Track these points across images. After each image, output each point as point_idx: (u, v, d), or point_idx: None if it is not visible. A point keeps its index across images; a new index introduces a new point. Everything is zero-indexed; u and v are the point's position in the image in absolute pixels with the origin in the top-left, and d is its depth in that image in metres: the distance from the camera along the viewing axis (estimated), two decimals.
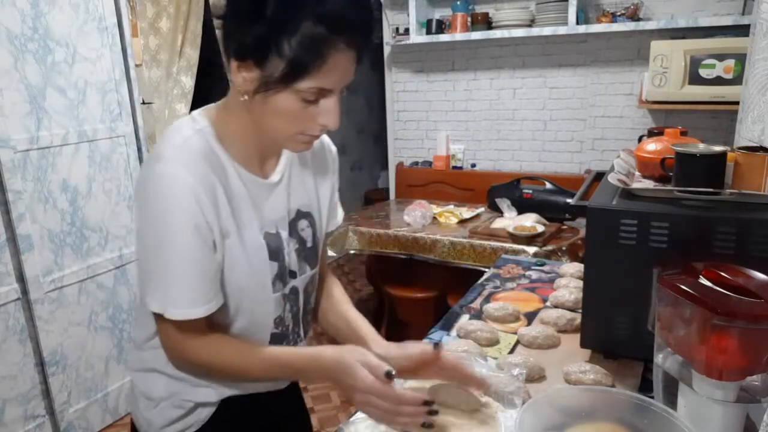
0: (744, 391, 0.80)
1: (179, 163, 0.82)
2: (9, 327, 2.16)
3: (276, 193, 0.95)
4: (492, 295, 1.52)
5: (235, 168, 0.89)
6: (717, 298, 0.77)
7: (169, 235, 0.82)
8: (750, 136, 1.57)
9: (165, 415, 0.97)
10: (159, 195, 0.81)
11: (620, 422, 0.81)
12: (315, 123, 0.84)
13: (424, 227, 2.86)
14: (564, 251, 2.46)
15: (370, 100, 5.31)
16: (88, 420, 2.50)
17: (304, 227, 1.00)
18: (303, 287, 1.02)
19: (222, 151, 0.88)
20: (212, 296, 0.86)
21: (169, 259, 0.83)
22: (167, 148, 0.84)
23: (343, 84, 0.82)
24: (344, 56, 0.79)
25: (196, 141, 0.85)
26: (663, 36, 2.84)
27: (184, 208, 0.81)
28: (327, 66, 0.77)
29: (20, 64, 2.11)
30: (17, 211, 2.12)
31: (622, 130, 3.16)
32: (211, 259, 0.85)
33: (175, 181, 0.81)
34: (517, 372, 1.05)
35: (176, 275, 0.83)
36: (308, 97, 0.80)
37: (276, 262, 0.94)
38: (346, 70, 0.81)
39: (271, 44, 0.76)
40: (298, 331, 1.04)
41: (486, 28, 3.25)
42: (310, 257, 1.02)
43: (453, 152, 3.65)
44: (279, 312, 0.98)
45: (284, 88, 0.78)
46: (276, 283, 0.95)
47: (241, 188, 0.89)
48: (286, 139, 0.87)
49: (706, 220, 0.96)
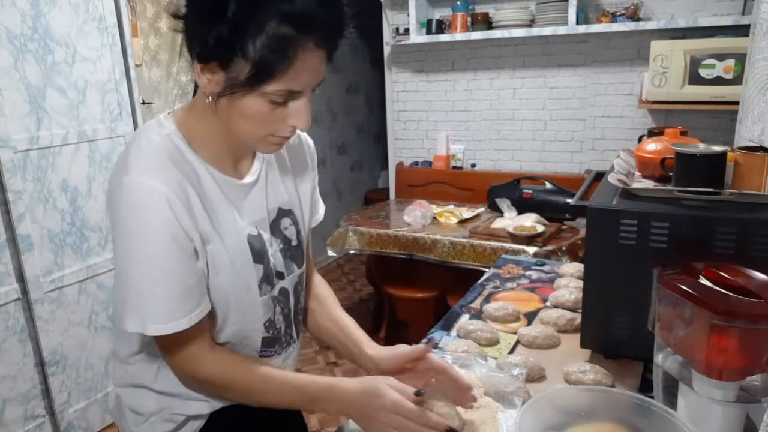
0: (744, 391, 0.80)
1: (148, 173, 0.78)
2: (9, 327, 2.16)
3: (253, 193, 0.91)
4: (492, 295, 1.52)
5: (208, 170, 0.85)
6: (717, 298, 0.77)
7: (145, 249, 0.78)
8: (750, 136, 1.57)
9: (155, 430, 0.95)
10: (131, 208, 0.77)
11: (620, 422, 0.81)
12: (285, 124, 0.80)
13: (424, 227, 2.86)
14: (564, 251, 2.46)
15: (370, 100, 5.31)
16: (88, 420, 2.50)
17: (287, 225, 0.97)
18: (293, 288, 0.99)
19: (192, 153, 0.84)
20: (194, 306, 0.82)
21: (147, 274, 0.79)
22: (134, 158, 0.80)
23: (312, 84, 0.78)
24: (313, 56, 0.74)
25: (163, 146, 0.81)
26: (663, 36, 2.84)
27: (159, 219, 0.77)
28: (295, 68, 0.73)
29: (20, 64, 2.11)
30: (17, 211, 2.12)
31: (622, 130, 3.16)
32: (192, 268, 0.81)
33: (146, 192, 0.77)
34: (517, 372, 1.05)
35: (155, 289, 0.79)
36: (276, 99, 0.76)
37: (261, 265, 0.91)
38: (316, 71, 0.76)
39: (235, 45, 0.72)
40: (290, 333, 1.02)
41: (486, 28, 3.25)
42: (296, 256, 0.99)
43: (453, 152, 3.65)
44: (269, 315, 0.95)
45: (250, 90, 0.75)
46: (263, 286, 0.92)
47: (215, 191, 0.85)
48: (255, 141, 0.83)
49: (706, 220, 0.96)
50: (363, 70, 5.16)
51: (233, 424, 0.98)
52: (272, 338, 0.97)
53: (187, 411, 0.94)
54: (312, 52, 0.73)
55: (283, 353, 1.01)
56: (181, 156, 0.83)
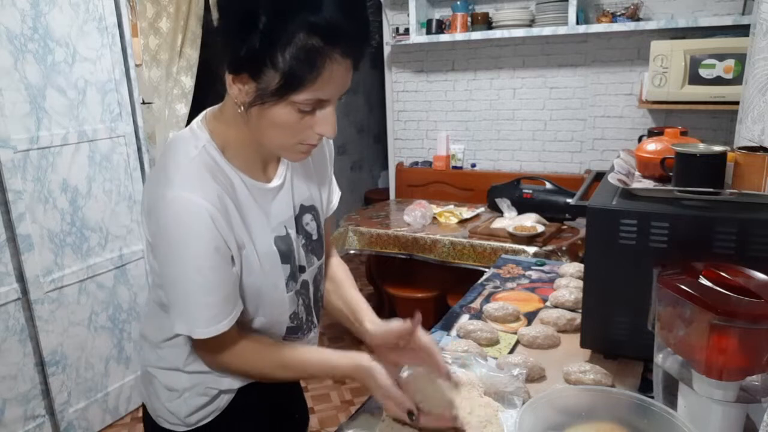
0: (744, 391, 0.80)
1: (190, 188, 0.82)
2: (9, 327, 2.16)
3: (281, 195, 0.96)
4: (492, 295, 1.52)
5: (241, 178, 0.89)
6: (717, 298, 0.77)
7: (191, 261, 0.83)
8: (750, 136, 1.57)
9: (189, 404, 1.00)
10: (176, 223, 0.82)
11: (620, 422, 0.81)
12: (312, 132, 0.83)
13: (424, 227, 2.86)
14: (564, 251, 2.46)
15: (370, 100, 5.31)
16: (88, 420, 2.50)
17: (309, 221, 1.03)
18: (312, 279, 1.05)
19: (225, 163, 0.88)
20: (232, 308, 0.89)
21: (193, 284, 0.84)
22: (175, 172, 0.84)
23: (339, 93, 0.82)
24: (340, 66, 0.77)
25: (201, 160, 0.85)
26: (663, 36, 2.84)
27: (203, 234, 0.82)
28: (323, 78, 0.76)
29: (20, 64, 2.11)
30: (17, 211, 2.12)
31: (622, 130, 3.16)
32: (231, 276, 0.87)
33: (190, 208, 0.81)
34: (517, 372, 1.05)
35: (199, 298, 0.85)
36: (305, 108, 0.79)
37: (288, 265, 0.96)
38: (342, 80, 0.80)
39: (265, 57, 0.75)
40: (311, 320, 1.07)
41: (486, 28, 3.25)
42: (316, 249, 1.05)
43: (453, 152, 3.65)
44: (293, 308, 1.01)
45: (280, 100, 0.78)
46: (289, 283, 0.97)
47: (248, 197, 0.90)
48: (284, 150, 0.87)
49: (706, 220, 0.96)
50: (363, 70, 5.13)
51: (255, 399, 1.05)
52: (296, 327, 1.03)
53: (219, 386, 1.00)
54: (339, 62, 0.76)
55: (304, 338, 1.07)
56: (217, 167, 0.87)
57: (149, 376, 1.04)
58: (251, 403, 1.05)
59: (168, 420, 1.02)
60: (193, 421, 1.01)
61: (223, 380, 1.00)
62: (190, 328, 0.87)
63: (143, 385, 1.07)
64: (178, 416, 1.01)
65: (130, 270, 2.62)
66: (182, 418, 1.01)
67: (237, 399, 1.03)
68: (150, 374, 1.03)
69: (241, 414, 1.04)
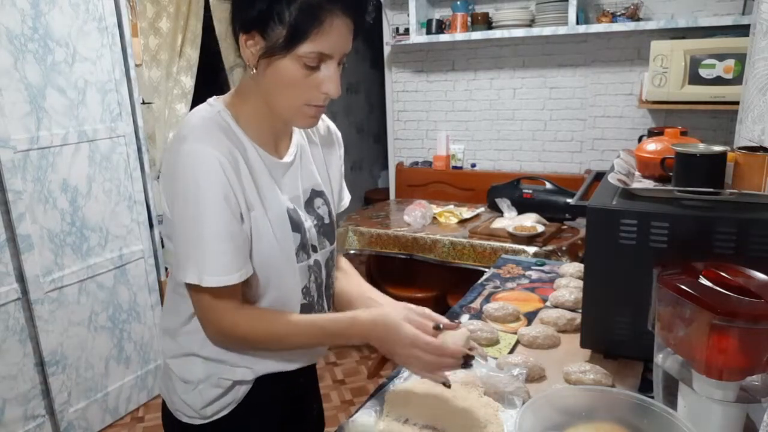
0: (744, 391, 0.80)
1: (203, 140, 0.87)
2: (9, 327, 2.16)
3: (290, 172, 1.00)
4: (492, 295, 1.52)
5: (254, 146, 0.94)
6: (717, 298, 0.77)
7: (201, 206, 0.86)
8: (750, 136, 1.57)
9: (204, 396, 1.01)
10: (188, 171, 0.86)
11: (620, 422, 0.81)
12: (318, 91, 0.89)
13: (424, 227, 2.86)
14: (564, 251, 2.46)
15: (370, 100, 5.31)
16: (88, 420, 2.50)
17: (320, 205, 1.06)
18: (324, 261, 1.07)
19: (240, 130, 0.93)
20: (242, 264, 0.91)
21: (203, 229, 0.87)
22: (189, 129, 0.89)
23: (341, 51, 0.88)
24: (341, 21, 0.85)
25: (215, 120, 0.91)
26: (663, 36, 2.84)
27: (213, 180, 0.86)
28: (324, 30, 0.83)
29: (20, 64, 2.11)
30: (17, 211, 2.12)
31: (622, 130, 3.16)
32: (239, 229, 0.90)
33: (202, 156, 0.86)
34: (517, 372, 1.05)
35: (209, 243, 0.87)
36: (309, 62, 0.86)
37: (298, 234, 0.99)
38: (343, 37, 0.87)
39: (273, 13, 0.83)
40: (322, 303, 1.08)
41: (486, 28, 3.25)
42: (328, 233, 1.08)
43: (453, 152, 3.65)
44: (305, 282, 1.02)
45: (286, 53, 0.85)
46: (299, 253, 0.99)
47: (261, 165, 0.94)
48: (293, 113, 0.92)
49: (706, 220, 0.96)
50: (363, 70, 5.16)
51: (273, 391, 1.05)
52: (308, 305, 1.04)
53: (233, 376, 1.00)
54: (340, 18, 0.84)
55: None
56: (231, 130, 0.92)
57: (168, 370, 1.05)
58: (269, 396, 1.05)
59: (185, 413, 1.03)
60: (209, 413, 1.01)
61: (236, 370, 1.00)
62: (199, 275, 0.88)
63: (163, 381, 1.08)
64: (194, 408, 1.02)
65: (130, 270, 2.62)
66: (198, 410, 1.01)
67: (254, 391, 1.03)
68: (168, 368, 1.05)
69: (258, 407, 1.04)
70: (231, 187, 0.88)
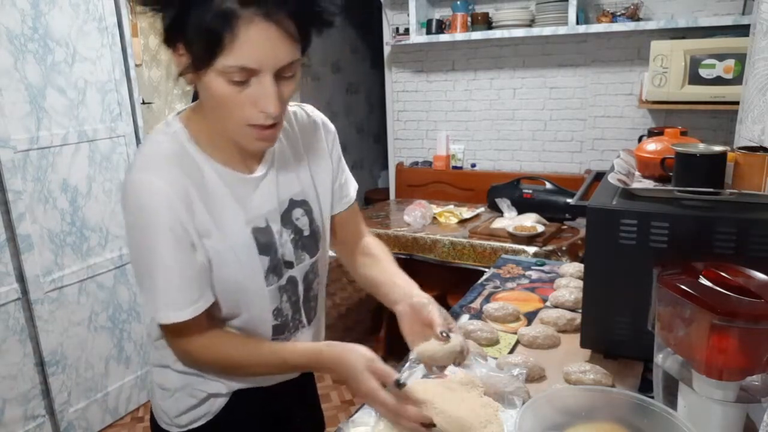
0: (744, 391, 0.80)
1: (148, 169, 0.84)
2: (9, 327, 2.16)
3: (263, 186, 0.93)
4: (492, 295, 1.52)
5: (214, 167, 0.88)
6: (717, 298, 0.77)
7: (147, 241, 0.84)
8: (750, 136, 1.57)
9: (179, 405, 1.00)
10: (134, 203, 0.83)
11: (620, 422, 0.81)
12: (255, 110, 0.80)
13: (424, 227, 2.86)
14: (564, 251, 2.45)
15: (370, 100, 5.31)
16: (88, 420, 2.50)
17: (299, 216, 0.99)
18: (302, 276, 1.02)
19: (197, 151, 0.87)
20: (197, 297, 0.87)
21: (150, 265, 0.85)
22: (138, 157, 0.87)
23: (271, 63, 0.77)
24: (262, 31, 0.74)
25: (166, 146, 0.86)
26: (663, 36, 2.84)
27: (158, 213, 0.82)
28: (241, 41, 0.73)
29: (20, 64, 2.11)
30: (17, 211, 2.12)
31: (622, 130, 3.16)
32: (191, 261, 0.85)
33: (146, 188, 0.82)
34: (517, 372, 1.05)
35: (157, 280, 0.85)
36: (235, 78, 0.76)
37: (267, 256, 0.94)
38: (268, 47, 0.75)
39: (186, 22, 0.74)
40: (298, 318, 1.04)
41: (486, 28, 3.25)
42: (308, 246, 1.01)
43: (453, 152, 3.65)
44: (276, 303, 0.98)
45: (208, 67, 0.76)
46: (269, 276, 0.95)
47: (219, 187, 0.88)
48: (237, 135, 0.84)
49: (706, 220, 0.96)
50: (363, 70, 5.16)
51: (255, 405, 1.03)
52: (281, 325, 1.01)
53: (207, 389, 0.99)
54: (259, 26, 0.74)
55: (291, 338, 1.04)
56: (185, 153, 0.87)
57: (150, 375, 1.06)
58: (245, 411, 1.02)
59: (163, 419, 1.03)
60: (183, 422, 1.01)
61: (210, 383, 0.99)
62: (154, 312, 0.87)
63: (149, 384, 1.08)
64: (168, 415, 1.01)
65: (130, 270, 2.61)
66: (172, 418, 1.01)
67: (231, 405, 1.01)
68: (151, 372, 1.05)
69: (235, 422, 1.02)
70: (178, 218, 0.83)
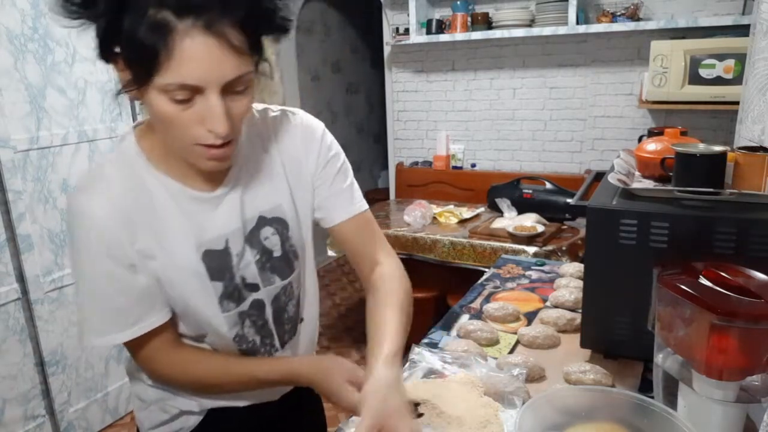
0: (744, 391, 0.80)
1: (87, 192, 0.80)
2: (9, 327, 2.16)
3: (225, 204, 0.86)
4: (492, 295, 1.52)
5: (167, 185, 0.82)
6: (717, 298, 0.77)
7: (78, 265, 0.81)
8: (750, 136, 1.57)
9: (153, 418, 0.98)
10: (72, 226, 0.81)
11: (620, 422, 0.81)
12: (203, 129, 0.72)
13: (424, 227, 2.86)
14: (564, 251, 2.45)
15: (370, 100, 5.31)
16: (88, 420, 2.50)
17: (269, 235, 0.91)
18: (271, 299, 0.94)
19: (150, 168, 0.82)
20: (133, 321, 0.83)
21: (85, 287, 0.82)
22: (81, 177, 0.84)
23: (213, 79, 0.68)
24: (200, 44, 0.65)
25: (113, 164, 0.82)
26: (663, 36, 2.84)
27: (89, 238, 0.79)
28: (178, 57, 0.65)
29: (20, 64, 2.11)
30: (17, 211, 2.12)
31: (622, 130, 3.16)
32: (129, 284, 0.81)
33: (80, 211, 0.79)
34: (517, 372, 1.05)
35: (88, 304, 0.82)
36: (177, 96, 0.69)
37: (220, 282, 0.87)
38: (210, 62, 0.67)
39: (119, 35, 0.66)
40: (270, 342, 0.97)
41: (486, 28, 3.25)
42: (279, 268, 0.93)
43: (453, 152, 3.65)
44: (236, 330, 0.91)
45: (146, 85, 0.68)
46: (224, 302, 0.88)
47: (169, 207, 0.82)
48: (186, 153, 0.77)
49: (706, 220, 0.96)
50: (363, 70, 5.16)
51: (229, 422, 0.99)
52: (248, 351, 0.95)
53: (179, 405, 0.97)
54: (197, 39, 0.65)
55: None
56: (132, 173, 0.81)
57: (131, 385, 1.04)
58: (225, 428, 0.98)
59: (140, 429, 1.02)
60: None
61: (181, 400, 0.96)
62: (80, 333, 0.84)
63: None
64: (143, 427, 1.00)
65: None
66: (146, 430, 0.99)
67: (205, 424, 0.97)
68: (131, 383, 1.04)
69: None
70: (114, 242, 0.79)
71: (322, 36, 4.49)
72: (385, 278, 0.96)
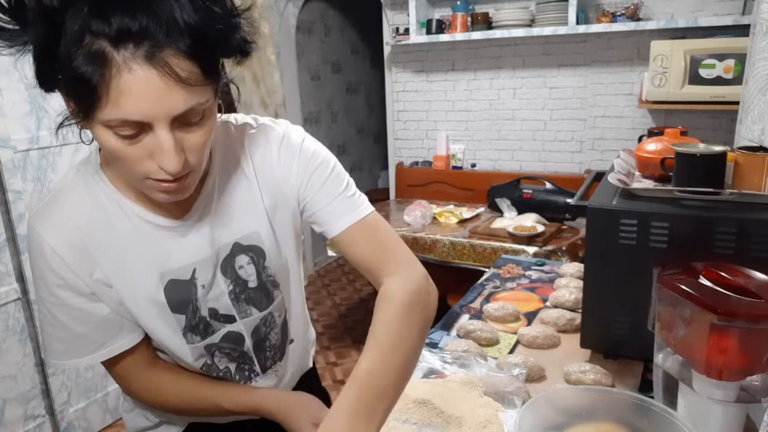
0: (744, 391, 0.80)
1: (42, 219, 0.76)
2: (9, 327, 2.16)
3: (193, 232, 0.80)
4: (492, 295, 1.52)
5: (131, 213, 0.78)
6: (717, 298, 0.77)
7: (40, 291, 0.79)
8: (750, 136, 1.57)
9: (136, 423, 0.98)
10: (30, 251, 0.78)
11: (620, 422, 0.81)
12: (153, 163, 0.66)
13: (424, 227, 2.86)
14: (564, 251, 2.46)
15: (370, 100, 5.31)
16: (88, 420, 2.50)
17: (244, 264, 0.85)
18: (250, 331, 0.90)
19: (113, 194, 0.77)
20: (98, 345, 0.81)
21: (45, 312, 0.80)
22: (41, 202, 0.78)
23: (159, 114, 0.61)
24: (140, 78, 0.58)
25: (68, 193, 0.77)
26: (663, 36, 2.84)
27: (44, 270, 0.77)
28: (116, 91, 0.58)
29: (20, 64, 2.10)
30: (17, 211, 2.12)
31: (622, 130, 3.16)
32: (90, 311, 0.79)
33: (37, 240, 0.76)
34: (517, 372, 1.05)
35: (51, 329, 0.80)
36: (121, 132, 0.62)
37: (183, 315, 0.83)
38: (153, 96, 0.60)
39: (54, 65, 0.61)
40: (249, 368, 0.93)
41: (486, 28, 3.25)
42: (255, 299, 0.88)
43: (453, 152, 3.65)
44: (204, 360, 0.88)
45: (89, 120, 0.63)
46: (188, 335, 0.84)
47: (132, 236, 0.78)
48: (140, 186, 0.71)
49: (706, 220, 0.96)
50: (363, 70, 5.16)
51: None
52: (222, 378, 0.92)
53: (159, 416, 0.97)
54: (137, 73, 0.58)
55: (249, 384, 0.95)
56: (92, 199, 0.77)
57: None
58: None
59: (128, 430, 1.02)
60: None
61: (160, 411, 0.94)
62: (47, 354, 0.82)
63: None
64: (128, 430, 1.00)
65: None
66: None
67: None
68: None
69: None
70: (72, 272, 0.76)
71: (322, 36, 4.49)
72: (380, 303, 0.81)
